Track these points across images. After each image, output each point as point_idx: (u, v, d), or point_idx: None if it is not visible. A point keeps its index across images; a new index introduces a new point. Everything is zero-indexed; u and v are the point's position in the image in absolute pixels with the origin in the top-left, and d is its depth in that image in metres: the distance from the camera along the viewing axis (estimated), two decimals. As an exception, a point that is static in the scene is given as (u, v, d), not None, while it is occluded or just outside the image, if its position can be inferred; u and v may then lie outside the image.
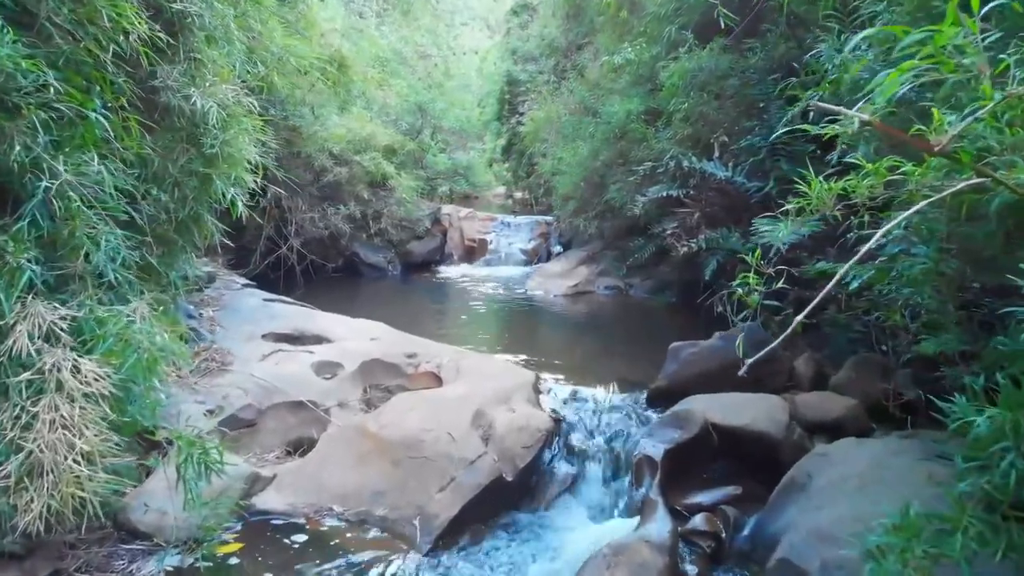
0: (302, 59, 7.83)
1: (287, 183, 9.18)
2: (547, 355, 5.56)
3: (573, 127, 9.28)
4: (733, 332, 4.40)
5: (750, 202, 5.88)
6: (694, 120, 6.51)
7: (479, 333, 6.39)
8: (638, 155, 7.17)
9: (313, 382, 4.48)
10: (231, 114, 4.23)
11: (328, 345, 5.01)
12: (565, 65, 12.25)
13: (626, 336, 6.33)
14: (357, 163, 9.24)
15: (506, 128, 16.81)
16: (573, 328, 6.75)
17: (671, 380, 4.33)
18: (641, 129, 7.09)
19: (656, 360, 5.34)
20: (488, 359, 4.90)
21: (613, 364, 5.28)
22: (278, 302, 5.93)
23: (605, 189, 8.50)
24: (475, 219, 12.37)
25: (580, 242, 9.96)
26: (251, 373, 4.46)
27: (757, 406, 3.96)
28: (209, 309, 5.52)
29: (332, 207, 9.21)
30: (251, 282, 6.58)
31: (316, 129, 8.68)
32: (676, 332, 6.31)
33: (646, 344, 5.94)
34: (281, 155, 8.86)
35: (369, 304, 8.01)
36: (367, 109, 10.88)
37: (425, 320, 7.10)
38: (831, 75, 3.65)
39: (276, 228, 9.03)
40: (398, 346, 5.05)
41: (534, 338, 6.15)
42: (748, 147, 5.78)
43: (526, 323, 6.99)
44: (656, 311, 7.03)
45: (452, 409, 3.83)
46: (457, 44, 22.20)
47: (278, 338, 5.17)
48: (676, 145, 6.58)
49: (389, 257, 10.08)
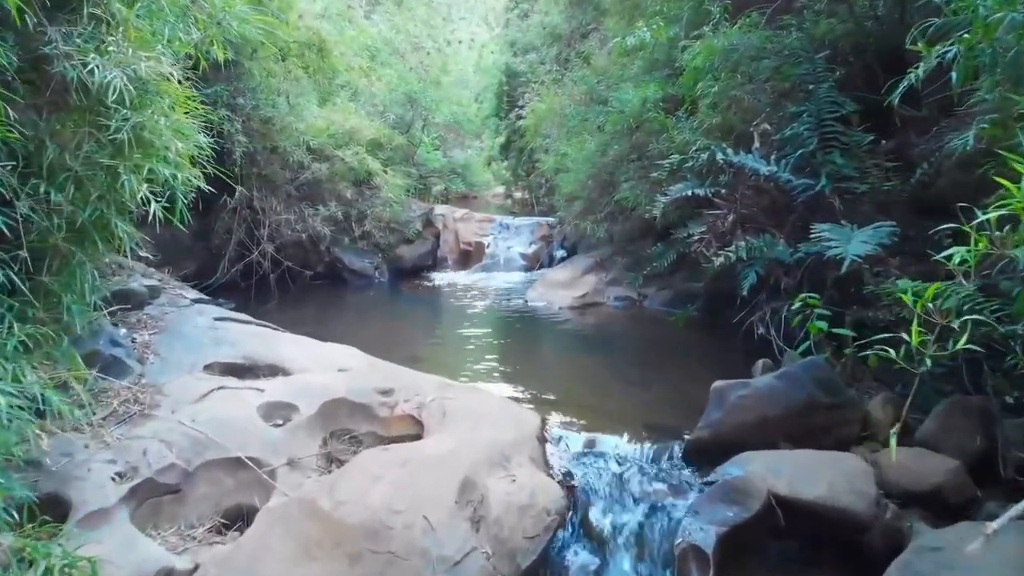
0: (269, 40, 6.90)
1: (260, 181, 8.27)
2: (554, 387, 4.62)
3: (579, 119, 8.33)
4: (791, 369, 3.46)
5: (793, 203, 4.95)
6: (724, 107, 5.57)
7: (473, 356, 5.44)
8: (657, 149, 6.23)
9: (259, 431, 3.52)
10: (148, 90, 3.29)
11: (285, 379, 4.06)
12: (568, 54, 11.32)
13: (647, 360, 5.38)
14: (339, 159, 8.29)
15: (505, 124, 15.89)
16: (583, 349, 5.80)
17: (716, 430, 3.38)
18: (660, 119, 6.15)
19: (688, 394, 4.40)
20: (482, 396, 3.96)
21: (635, 400, 4.34)
22: (232, 321, 4.97)
23: (615, 187, 7.57)
24: (471, 221, 11.43)
25: (586, 246, 9.02)
26: (180, 420, 3.51)
27: (833, 470, 3.02)
28: (145, 332, 4.56)
29: (311, 208, 8.26)
30: (204, 296, 5.62)
31: (291, 121, 7.73)
32: (706, 356, 5.38)
33: (673, 371, 5.00)
34: (252, 149, 7.93)
35: (349, 317, 7.06)
36: (353, 101, 9.93)
37: (411, 338, 6.16)
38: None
39: (249, 231, 8.09)
40: (371, 379, 4.11)
41: (538, 363, 5.21)
42: (793, 137, 4.84)
43: (528, 343, 6.04)
44: (677, 328, 6.09)
45: (432, 476, 2.89)
46: (454, 38, 21.25)
47: (224, 369, 4.22)
48: (703, 136, 5.64)
49: (376, 263, 9.13)
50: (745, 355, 4.75)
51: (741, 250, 4.45)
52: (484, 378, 4.89)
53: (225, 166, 7.73)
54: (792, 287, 4.72)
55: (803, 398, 3.36)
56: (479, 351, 5.58)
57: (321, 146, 8.34)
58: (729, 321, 5.89)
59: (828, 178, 4.61)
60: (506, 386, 4.62)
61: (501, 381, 4.79)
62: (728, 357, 5.17)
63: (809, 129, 4.72)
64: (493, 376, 4.95)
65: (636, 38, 6.85)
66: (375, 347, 5.62)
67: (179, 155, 3.52)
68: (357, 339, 5.95)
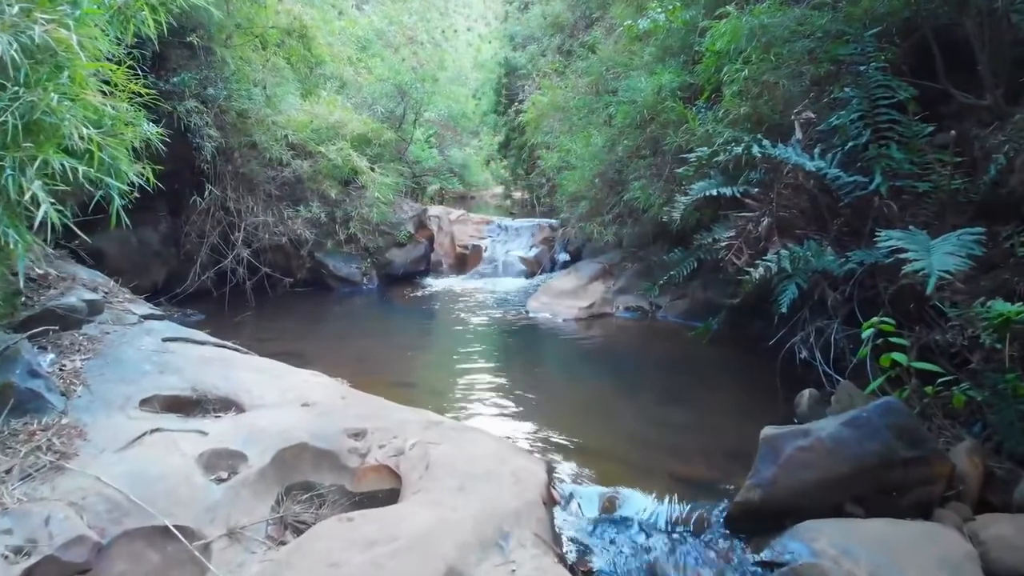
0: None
1: (236, 179, 7.57)
2: (561, 421, 3.92)
3: (585, 111, 7.63)
4: (863, 414, 2.76)
5: (839, 204, 4.25)
6: (754, 94, 4.87)
7: (467, 380, 4.74)
8: (675, 142, 5.54)
9: (196, 489, 2.82)
10: (47, 62, 2.60)
11: (235, 419, 3.36)
12: (571, 44, 10.62)
13: (668, 386, 4.67)
14: (323, 155, 7.59)
15: (504, 121, 15.21)
16: (593, 371, 5.09)
17: (769, 491, 2.68)
18: (679, 109, 5.46)
19: (721, 432, 3.71)
20: (475, 439, 3.25)
21: (659, 440, 3.64)
22: (185, 342, 4.28)
23: (625, 186, 6.88)
24: (468, 222, 10.75)
25: (592, 251, 8.33)
26: (99, 475, 2.81)
27: (925, 553, 2.33)
28: (77, 358, 3.86)
29: (291, 209, 7.56)
30: (157, 310, 4.91)
31: (268, 114, 7.02)
32: (737, 382, 4.68)
33: (700, 401, 4.30)
34: (227, 145, 7.23)
35: (331, 331, 6.36)
36: (340, 93, 9.22)
37: (398, 356, 5.45)
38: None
39: (224, 235, 7.39)
40: (341, 417, 3.41)
41: (541, 389, 4.51)
42: (840, 127, 4.14)
43: (529, 363, 5.32)
44: (698, 345, 5.39)
45: (405, 566, 2.19)
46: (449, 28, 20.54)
47: (166, 404, 3.52)
48: (728, 127, 4.95)
49: (364, 268, 8.43)
50: (784, 382, 4.06)
51: (783, 259, 3.75)
52: (479, 408, 4.18)
53: (194, 163, 7.09)
54: (840, 303, 4.03)
55: (879, 451, 2.67)
56: (474, 374, 4.87)
57: (303, 141, 7.64)
58: (758, 337, 5.20)
59: (883, 175, 3.92)
60: (504, 421, 3.92)
61: (498, 414, 4.09)
62: (762, 382, 4.47)
63: (860, 117, 4.02)
64: (489, 406, 4.24)
65: (649, 20, 6.16)
66: (355, 368, 4.93)
67: (95, 143, 2.82)
68: (336, 357, 5.27)
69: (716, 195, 4.70)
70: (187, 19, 6.65)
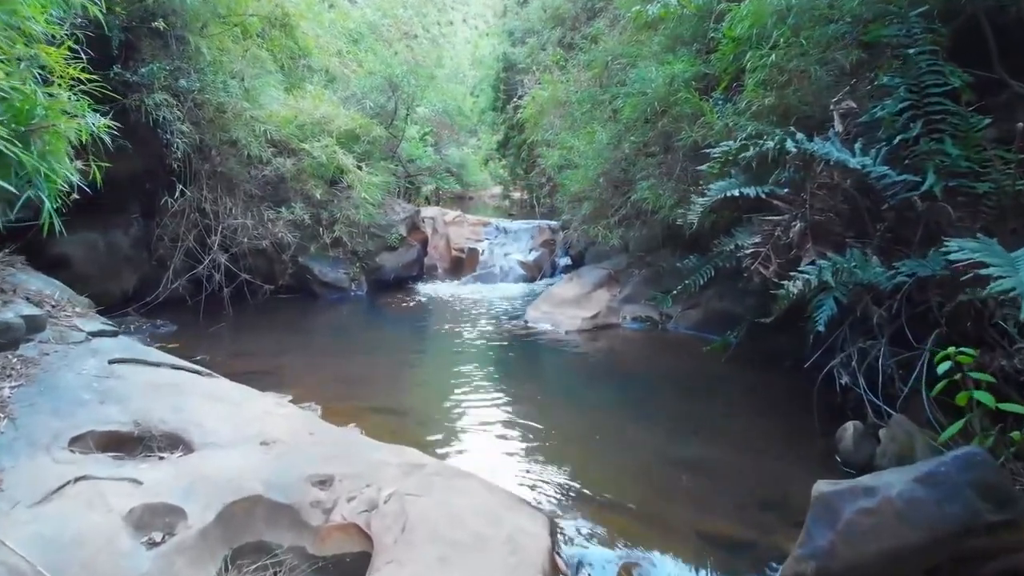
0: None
1: (214, 179, 7.04)
2: (565, 458, 3.39)
3: (590, 104, 7.11)
4: (940, 469, 2.24)
5: (882, 207, 3.73)
6: (780, 83, 4.35)
7: (458, 405, 4.20)
8: (689, 137, 5.02)
9: (121, 556, 2.30)
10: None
11: (177, 464, 2.83)
12: (573, 38, 10.09)
13: (685, 412, 4.13)
14: (307, 153, 7.06)
15: (502, 119, 14.69)
16: (600, 394, 4.55)
17: (826, 564, 2.16)
18: (695, 101, 4.94)
19: (752, 474, 3.18)
20: (463, 487, 2.73)
21: (680, 485, 3.11)
22: (136, 364, 3.75)
23: (631, 186, 6.37)
24: (464, 224, 10.23)
25: (596, 255, 7.81)
26: (2, 538, 2.29)
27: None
28: (6, 385, 3.33)
29: (273, 210, 7.03)
30: (110, 325, 4.39)
31: (246, 107, 6.49)
32: (765, 408, 4.16)
33: (724, 432, 3.77)
34: (202, 142, 6.70)
35: (312, 344, 5.83)
36: (327, 87, 8.69)
37: (382, 375, 4.92)
38: None
39: (201, 238, 6.86)
40: (306, 458, 2.88)
41: (542, 417, 3.97)
42: (885, 119, 3.62)
43: (528, 384, 4.77)
44: (715, 361, 4.89)
45: None
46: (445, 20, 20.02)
47: (102, 442, 2.99)
48: (751, 120, 4.44)
49: (352, 273, 7.90)
50: (821, 410, 3.54)
51: (825, 271, 3.22)
52: (470, 442, 3.65)
53: (165, 161, 6.57)
54: (886, 321, 3.50)
55: (961, 515, 2.15)
56: (466, 397, 4.34)
57: (286, 138, 7.11)
58: (782, 354, 4.69)
59: (936, 174, 3.40)
60: (499, 458, 3.40)
61: (493, 449, 3.56)
62: (792, 408, 3.96)
63: (908, 108, 3.50)
64: (483, 439, 3.71)
65: (659, 6, 5.64)
66: (335, 390, 4.40)
67: None
68: (315, 377, 4.73)
69: (738, 196, 4.18)
70: (158, 5, 6.15)
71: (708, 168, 3.98)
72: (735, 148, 3.77)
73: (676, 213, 5.71)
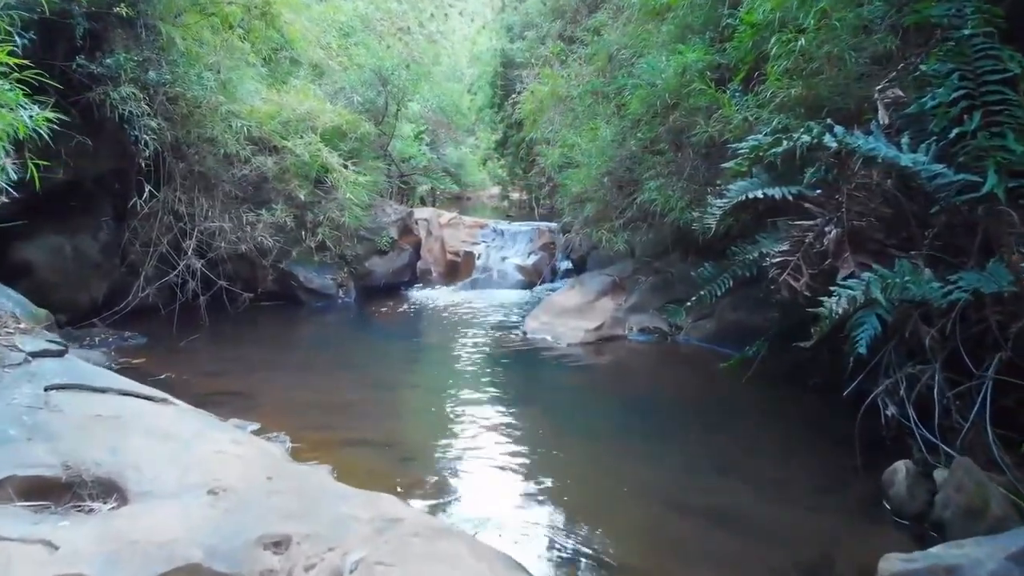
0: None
1: (190, 179, 6.57)
2: (571, 507, 2.92)
3: (592, 100, 6.64)
4: None
5: (930, 211, 3.27)
6: (809, 72, 3.89)
7: (446, 435, 3.71)
8: (705, 133, 4.56)
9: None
10: None
11: (108, 517, 2.36)
12: (574, 31, 9.62)
13: (704, 446, 3.63)
14: (289, 151, 6.59)
15: (501, 117, 14.22)
16: (607, 421, 4.06)
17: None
18: (711, 92, 4.47)
19: (790, 527, 2.71)
20: (448, 551, 2.26)
21: (706, 542, 2.63)
22: (77, 390, 3.28)
23: (638, 186, 5.91)
24: (460, 226, 9.77)
25: (599, 260, 7.35)
26: None
27: None
28: (-85, 418, 2.87)
29: (253, 212, 6.55)
30: (57, 343, 3.90)
31: (222, 102, 6.01)
32: (797, 440, 3.69)
33: (749, 469, 3.30)
34: (176, 139, 6.23)
35: (291, 360, 5.35)
36: (314, 82, 8.21)
37: (363, 398, 4.40)
38: None
39: (176, 243, 6.38)
40: (259, 513, 2.41)
41: (542, 451, 3.48)
42: (932, 112, 3.15)
43: (527, 407, 4.23)
44: (732, 379, 4.42)
45: None
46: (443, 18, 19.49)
47: (24, 489, 2.52)
48: (776, 113, 3.98)
49: (340, 279, 7.44)
50: (863, 444, 3.08)
51: (873, 285, 2.75)
52: (460, 484, 3.17)
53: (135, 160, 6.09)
54: (939, 343, 3.04)
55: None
56: (456, 425, 3.86)
57: (268, 135, 6.64)
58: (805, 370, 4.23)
59: (998, 173, 2.93)
60: (491, 507, 2.91)
61: (485, 495, 3.08)
62: (826, 438, 3.51)
63: (964, 97, 3.03)
64: (473, 481, 3.23)
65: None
66: (310, 417, 3.91)
67: None
68: (290, 400, 4.22)
69: (761, 198, 3.71)
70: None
71: (735, 165, 3.51)
72: (766, 143, 3.30)
73: (687, 216, 5.27)
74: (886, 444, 3.20)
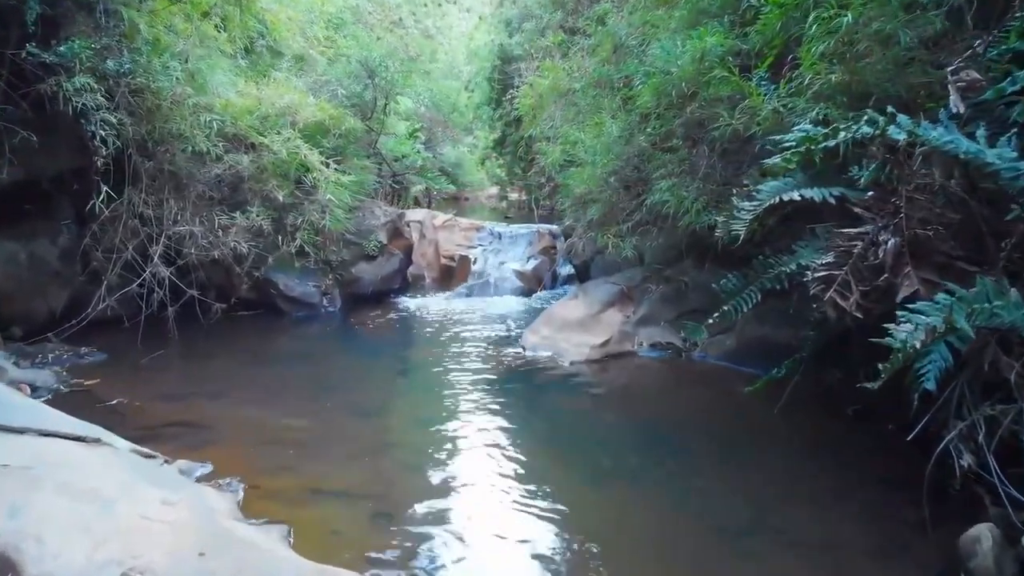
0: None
1: (160, 180, 6.03)
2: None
3: (596, 92, 6.11)
4: None
5: (1006, 216, 2.73)
6: (852, 56, 3.35)
7: (429, 484, 3.13)
8: (729, 125, 4.03)
9: None
10: None
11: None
12: (575, 22, 9.08)
13: (735, 494, 3.07)
14: (267, 148, 6.05)
15: (499, 115, 13.68)
16: (618, 457, 3.49)
17: None
18: (735, 80, 3.94)
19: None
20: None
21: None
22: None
23: (647, 186, 5.39)
24: (455, 229, 9.23)
25: (604, 266, 6.81)
26: None
27: None
28: None
29: (227, 215, 6.01)
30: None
31: (188, 93, 5.47)
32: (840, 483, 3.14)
33: (792, 525, 2.76)
34: (142, 136, 5.69)
35: (261, 380, 4.79)
36: (298, 74, 7.67)
37: (339, 432, 3.83)
38: None
39: (143, 248, 5.84)
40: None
41: (543, 500, 2.94)
42: (1009, 99, 2.62)
43: (525, 442, 3.61)
44: (758, 405, 3.90)
45: None
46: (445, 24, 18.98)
47: None
48: (813, 102, 3.44)
49: (324, 286, 6.90)
50: (931, 497, 2.55)
51: (957, 312, 2.21)
52: (444, 552, 2.60)
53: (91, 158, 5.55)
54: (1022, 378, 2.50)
55: None
56: (444, 468, 3.28)
57: (245, 131, 6.10)
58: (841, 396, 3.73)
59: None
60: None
61: (476, 568, 2.53)
62: (875, 481, 2.99)
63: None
64: (461, 545, 2.67)
65: (684, -31, 4.64)
66: (273, 456, 3.34)
67: None
68: (252, 433, 3.61)
69: (799, 200, 3.18)
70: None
71: (783, 161, 2.97)
72: (819, 134, 2.76)
73: (703, 219, 4.74)
74: (951, 491, 2.68)
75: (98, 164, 5.13)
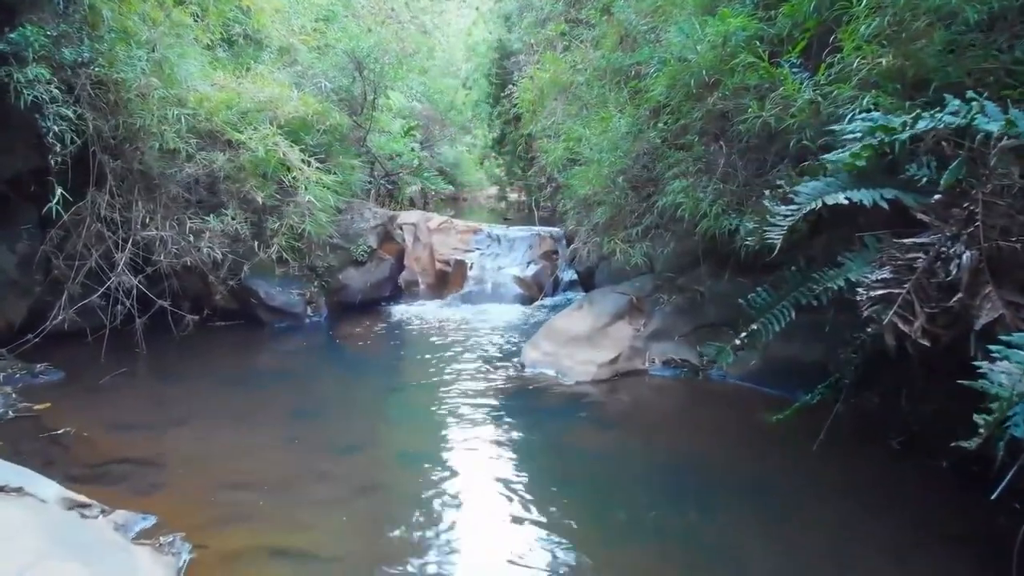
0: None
1: (128, 180, 5.55)
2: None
3: (600, 84, 5.63)
4: None
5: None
6: (905, 38, 2.87)
7: (410, 541, 2.65)
8: (759, 118, 3.54)
9: None
10: None
11: None
12: (578, 13, 8.60)
13: (773, 556, 2.62)
14: (244, 145, 5.57)
15: (498, 113, 13.20)
16: (634, 508, 2.99)
17: None
18: (764, 68, 3.46)
19: None
20: None
21: None
22: None
23: (659, 187, 4.92)
24: (451, 231, 8.71)
25: (610, 273, 6.34)
26: None
27: None
28: None
29: (200, 218, 5.53)
30: None
31: (155, 85, 4.99)
32: (895, 538, 2.65)
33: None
34: (106, 132, 5.20)
35: (229, 405, 4.30)
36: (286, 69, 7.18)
37: (309, 470, 3.33)
38: None
39: (109, 254, 5.36)
40: None
41: (543, 565, 2.48)
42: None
43: (524, 486, 3.09)
44: (789, 435, 3.42)
45: None
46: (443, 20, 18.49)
47: None
48: (859, 90, 2.97)
49: (309, 294, 6.42)
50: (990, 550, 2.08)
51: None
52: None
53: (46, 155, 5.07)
54: None
55: None
56: (428, 518, 2.83)
57: (221, 127, 5.61)
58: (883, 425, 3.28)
59: None
60: None
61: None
62: (939, 534, 2.51)
63: None
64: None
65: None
66: (229, 500, 2.84)
67: None
68: (209, 472, 3.10)
69: (847, 205, 2.69)
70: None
71: (850, 157, 2.48)
72: (897, 123, 2.28)
73: (722, 223, 4.27)
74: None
75: (54, 163, 4.65)
